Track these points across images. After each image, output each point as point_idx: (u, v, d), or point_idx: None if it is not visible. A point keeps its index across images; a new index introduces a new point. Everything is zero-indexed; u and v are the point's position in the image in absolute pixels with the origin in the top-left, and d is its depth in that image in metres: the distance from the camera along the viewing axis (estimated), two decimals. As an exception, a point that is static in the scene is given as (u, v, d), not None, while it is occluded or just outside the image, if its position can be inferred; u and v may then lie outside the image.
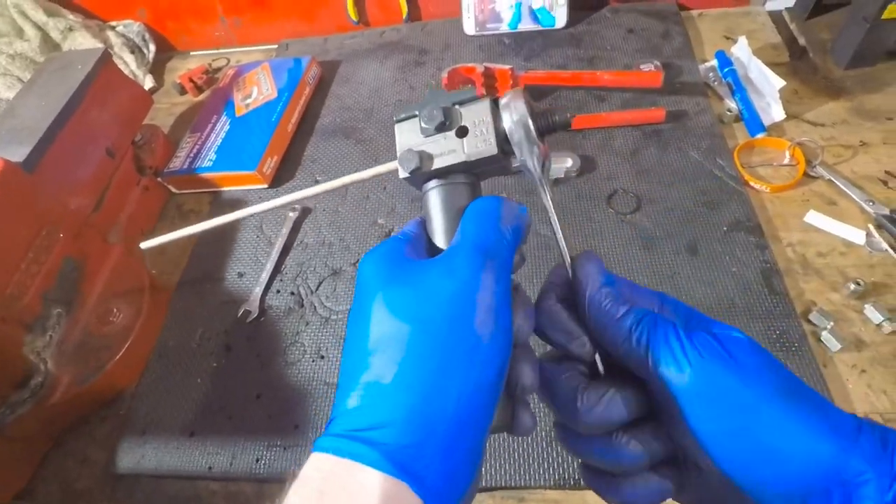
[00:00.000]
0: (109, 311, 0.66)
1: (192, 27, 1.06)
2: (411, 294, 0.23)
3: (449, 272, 0.23)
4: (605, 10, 0.95)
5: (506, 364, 0.23)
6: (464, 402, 0.21)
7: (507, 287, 0.24)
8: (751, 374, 0.23)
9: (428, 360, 0.22)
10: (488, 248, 0.24)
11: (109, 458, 0.59)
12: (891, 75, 0.79)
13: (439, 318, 0.22)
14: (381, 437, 0.20)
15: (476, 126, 0.28)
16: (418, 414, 0.21)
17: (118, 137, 0.76)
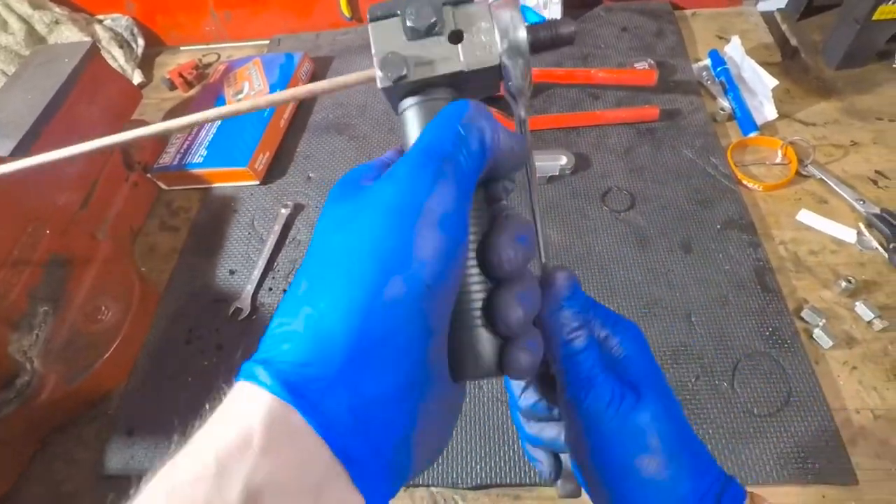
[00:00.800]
0: (97, 309, 0.65)
1: (181, 21, 1.04)
2: (348, 206, 0.21)
3: (389, 178, 0.21)
4: (599, 9, 0.95)
5: (451, 285, 0.20)
6: (377, 314, 0.18)
7: (464, 196, 0.21)
8: (625, 438, 0.25)
9: (342, 269, 0.19)
10: (441, 152, 0.21)
11: (98, 459, 0.58)
12: (881, 76, 0.80)
13: (367, 227, 0.19)
14: (279, 355, 0.18)
15: (473, 31, 0.24)
16: (320, 329, 0.18)
17: (106, 132, 0.73)
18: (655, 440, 0.25)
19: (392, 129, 0.82)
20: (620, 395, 0.25)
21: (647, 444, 0.25)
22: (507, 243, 0.22)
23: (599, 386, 0.25)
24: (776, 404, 0.52)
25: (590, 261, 0.64)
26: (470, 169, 0.21)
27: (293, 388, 0.17)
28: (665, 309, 0.59)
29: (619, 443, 0.25)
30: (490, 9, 0.24)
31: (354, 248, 0.19)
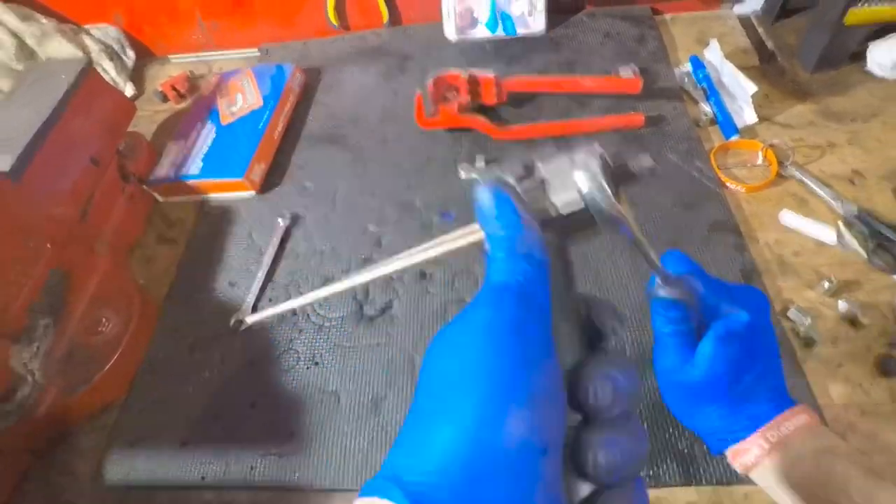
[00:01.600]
0: (98, 321, 0.66)
1: (169, 32, 1.05)
2: (449, 335, 0.22)
3: (476, 307, 0.22)
4: (582, 15, 0.97)
5: (551, 410, 0.20)
6: (491, 442, 0.19)
7: (543, 320, 0.22)
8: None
9: (455, 397, 0.20)
10: (514, 281, 0.23)
11: (97, 470, 0.59)
12: (854, 78, 0.82)
13: (468, 351, 0.21)
14: (406, 474, 0.19)
15: (557, 178, 0.26)
16: (441, 452, 0.19)
17: (102, 146, 0.75)
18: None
19: (385, 140, 0.84)
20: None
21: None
22: (600, 382, 0.22)
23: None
24: (763, 399, 0.54)
25: (583, 265, 0.65)
26: (537, 292, 0.23)
27: (417, 499, 0.18)
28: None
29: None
30: (567, 159, 0.26)
31: (464, 379, 0.20)
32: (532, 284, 0.23)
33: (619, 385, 0.22)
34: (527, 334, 0.21)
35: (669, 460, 0.52)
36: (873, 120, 0.77)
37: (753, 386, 0.38)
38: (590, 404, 0.22)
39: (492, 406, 0.19)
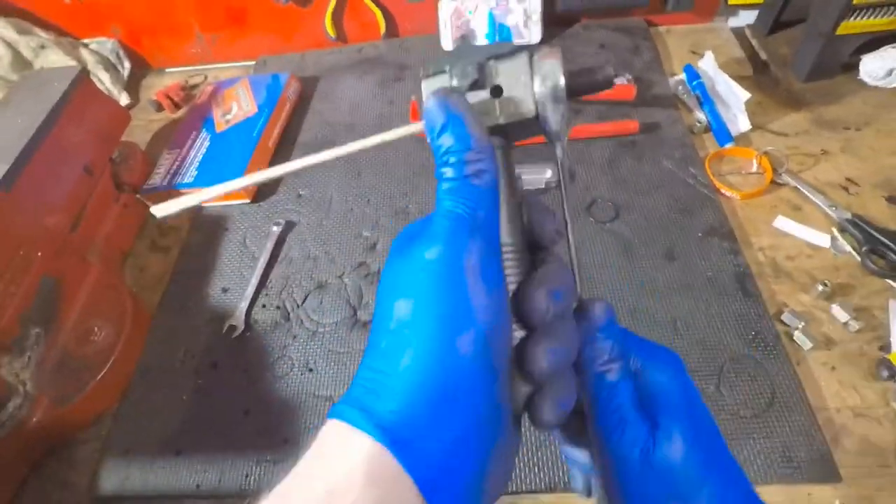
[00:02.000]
0: (90, 330, 0.65)
1: (167, 44, 1.06)
2: (402, 266, 0.23)
3: (429, 241, 0.23)
4: (578, 27, 0.98)
5: (500, 334, 0.22)
6: (452, 368, 0.21)
7: (492, 248, 0.23)
8: (653, 482, 0.25)
9: (416, 329, 0.21)
10: (464, 212, 0.23)
11: (91, 481, 0.58)
12: (846, 87, 0.83)
13: (423, 288, 0.22)
14: (373, 402, 0.20)
15: (512, 85, 0.25)
16: (405, 380, 0.21)
17: (96, 155, 0.75)
18: (685, 485, 0.24)
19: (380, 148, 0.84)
20: (649, 436, 0.25)
21: (677, 490, 0.24)
22: (539, 295, 0.24)
23: (629, 425, 0.25)
24: (761, 405, 0.54)
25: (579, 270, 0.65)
26: (488, 221, 0.23)
27: (389, 434, 0.19)
28: (651, 315, 0.61)
29: (647, 484, 0.25)
30: (531, 61, 0.25)
31: (421, 310, 0.21)
32: (482, 210, 0.23)
33: (556, 297, 0.24)
34: (477, 268, 0.22)
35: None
36: (866, 128, 0.78)
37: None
38: (534, 320, 0.24)
39: (445, 342, 0.21)
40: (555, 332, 0.24)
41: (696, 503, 0.24)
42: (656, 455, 0.24)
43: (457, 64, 0.26)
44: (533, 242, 0.27)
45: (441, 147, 0.24)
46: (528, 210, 0.27)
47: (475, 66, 0.25)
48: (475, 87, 0.25)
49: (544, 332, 0.24)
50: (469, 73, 0.25)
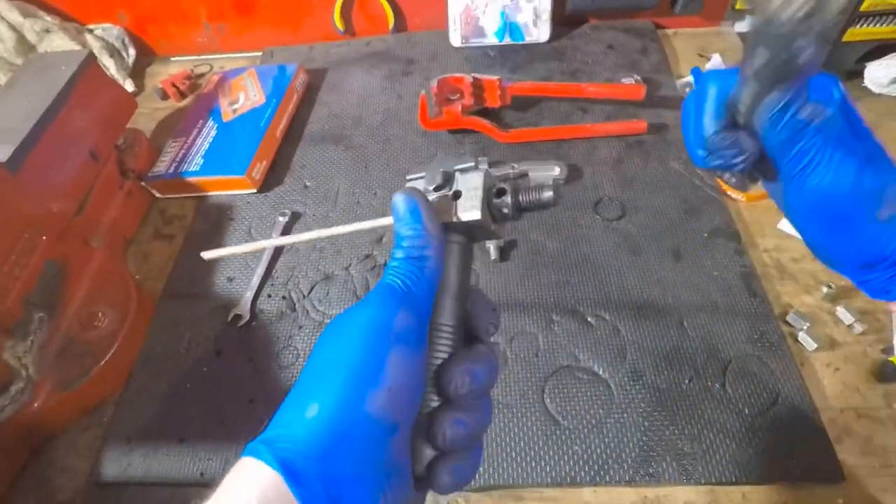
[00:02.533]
0: (93, 315, 0.64)
1: (173, 32, 1.05)
2: (331, 326, 0.26)
3: (364, 303, 0.26)
4: (586, 27, 0.98)
5: (410, 401, 0.25)
6: (350, 415, 0.23)
7: (420, 322, 0.26)
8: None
9: (328, 376, 0.24)
10: (397, 284, 0.27)
11: (93, 467, 0.57)
12: (852, 94, 0.82)
13: (343, 343, 0.25)
14: (279, 438, 0.23)
15: (468, 192, 0.30)
16: (308, 420, 0.23)
17: (102, 140, 0.74)
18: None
19: (387, 140, 0.84)
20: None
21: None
22: (458, 371, 0.27)
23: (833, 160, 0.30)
24: (765, 404, 0.54)
25: (584, 267, 0.66)
26: (420, 297, 0.27)
27: (284, 466, 0.22)
28: (658, 313, 0.61)
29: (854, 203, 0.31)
30: (485, 176, 0.31)
31: (337, 361, 0.25)
32: (416, 287, 0.27)
33: (477, 379, 0.27)
34: (399, 333, 0.25)
35: (669, 459, 0.52)
36: (870, 134, 0.78)
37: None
38: (449, 392, 0.27)
39: (354, 390, 0.23)
40: (467, 406, 0.27)
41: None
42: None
43: (430, 170, 0.32)
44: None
45: (398, 234, 0.28)
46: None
47: (441, 173, 0.31)
48: (440, 190, 0.31)
49: (455, 405, 0.27)
50: (437, 178, 0.31)
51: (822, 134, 0.30)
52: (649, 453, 0.53)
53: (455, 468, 0.26)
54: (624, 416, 0.55)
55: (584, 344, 0.60)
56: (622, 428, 0.54)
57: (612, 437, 0.54)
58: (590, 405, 0.56)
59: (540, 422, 0.55)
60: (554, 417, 0.55)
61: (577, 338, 0.61)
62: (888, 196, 0.30)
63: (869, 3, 0.74)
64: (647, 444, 0.53)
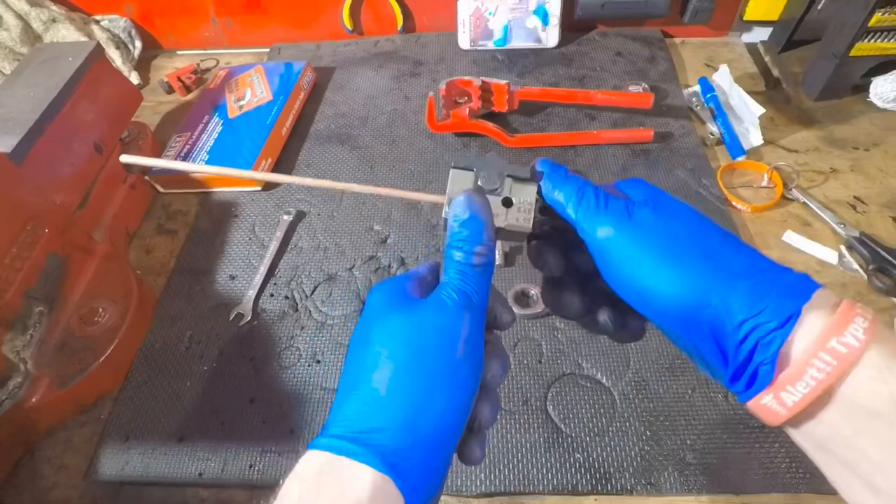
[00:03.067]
0: (94, 311, 0.64)
1: (180, 26, 1.04)
2: (407, 324, 0.27)
3: (439, 308, 0.28)
4: (594, 33, 0.98)
5: (476, 390, 0.28)
6: (444, 417, 0.26)
7: (481, 325, 0.28)
8: (642, 232, 0.29)
9: (418, 380, 0.26)
10: (469, 293, 0.28)
11: (90, 465, 0.57)
12: (856, 108, 0.85)
13: (429, 346, 0.26)
14: (375, 439, 0.24)
15: (520, 202, 0.32)
16: (407, 423, 0.25)
17: (106, 133, 0.74)
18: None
19: (394, 142, 0.84)
20: (630, 204, 0.30)
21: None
22: (495, 365, 0.30)
23: (611, 203, 0.30)
24: (768, 416, 0.54)
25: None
26: (483, 302, 0.29)
27: (393, 467, 0.23)
28: (662, 323, 0.61)
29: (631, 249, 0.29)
30: (538, 192, 0.33)
31: (428, 369, 0.26)
32: (481, 292, 0.29)
33: (504, 369, 0.31)
34: (469, 338, 0.27)
35: (671, 469, 0.52)
36: (874, 149, 0.79)
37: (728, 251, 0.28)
38: (486, 383, 0.29)
39: (436, 396, 0.26)
40: (494, 395, 0.30)
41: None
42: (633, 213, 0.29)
43: (483, 169, 0.33)
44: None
45: (459, 233, 0.29)
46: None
47: (499, 177, 0.32)
48: (493, 193, 0.32)
49: (490, 394, 0.30)
50: (494, 181, 0.32)
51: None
52: (651, 463, 0.52)
53: (483, 444, 0.30)
54: (626, 424, 0.55)
55: (588, 351, 0.60)
56: (624, 437, 0.54)
57: (614, 446, 0.54)
58: (592, 413, 0.56)
59: (542, 429, 0.55)
60: (556, 425, 0.55)
61: (580, 345, 0.60)
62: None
63: (877, 18, 0.75)
64: (649, 454, 0.53)
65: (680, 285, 0.27)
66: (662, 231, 0.28)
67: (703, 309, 0.26)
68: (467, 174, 0.33)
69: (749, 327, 0.25)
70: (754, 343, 0.25)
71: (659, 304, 0.28)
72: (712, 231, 0.29)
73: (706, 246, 0.28)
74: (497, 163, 0.33)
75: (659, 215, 0.29)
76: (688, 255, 0.28)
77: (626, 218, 0.29)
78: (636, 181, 0.33)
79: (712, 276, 0.27)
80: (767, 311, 0.25)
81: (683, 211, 0.30)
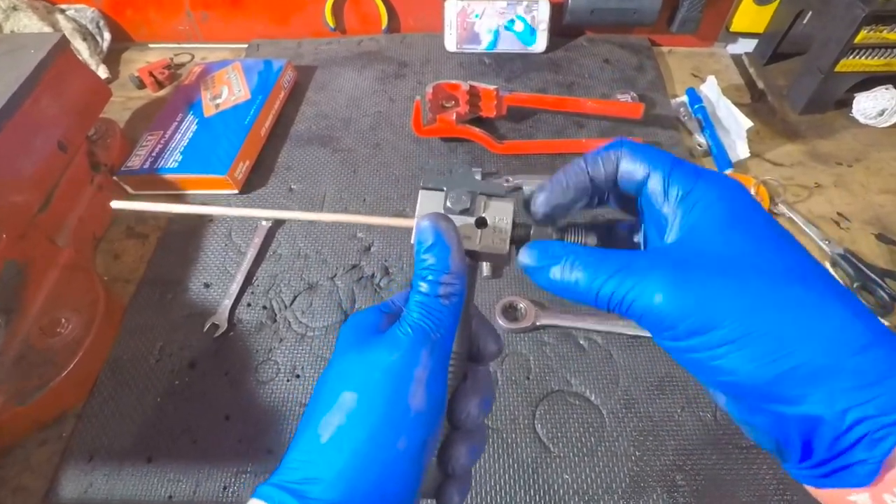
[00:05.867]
0: (56, 321, 0.60)
1: (153, 18, 1.00)
2: (358, 363, 0.25)
3: (391, 346, 0.25)
4: (582, 39, 0.97)
5: (434, 436, 0.26)
6: (388, 467, 0.24)
7: (443, 364, 0.26)
8: (725, 270, 0.23)
9: (360, 427, 0.24)
10: (428, 328, 0.26)
11: (49, 487, 0.53)
12: (839, 123, 0.85)
13: (377, 389, 0.24)
14: (308, 491, 0.23)
15: (495, 222, 0.29)
16: (345, 475, 0.23)
17: (71, 130, 0.70)
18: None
19: (378, 145, 0.81)
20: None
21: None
22: (473, 406, 0.28)
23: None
24: (756, 436, 0.54)
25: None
26: (445, 339, 0.26)
27: None
28: (651, 339, 0.60)
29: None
30: (513, 208, 0.29)
31: (370, 411, 0.24)
32: (443, 328, 0.26)
33: (486, 408, 0.29)
34: (424, 380, 0.25)
35: (660, 491, 0.51)
36: (857, 165, 0.79)
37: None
38: (461, 422, 0.28)
39: (384, 444, 0.23)
40: (475, 433, 0.28)
41: None
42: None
43: (453, 189, 0.30)
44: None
45: (424, 261, 0.26)
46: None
47: (469, 196, 0.29)
48: (464, 214, 0.29)
49: (464, 433, 0.28)
50: (463, 201, 0.29)
51: None
52: (640, 484, 0.51)
53: (462, 489, 0.28)
54: (615, 444, 0.54)
55: (577, 368, 0.59)
56: (613, 457, 0.53)
57: (602, 467, 0.52)
58: (581, 432, 0.54)
59: (530, 448, 0.53)
60: (545, 444, 0.54)
61: (569, 361, 0.59)
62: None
63: (862, 35, 0.75)
64: (638, 475, 0.52)
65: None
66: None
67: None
68: (437, 195, 0.30)
69: (856, 417, 0.20)
70: (861, 436, 0.20)
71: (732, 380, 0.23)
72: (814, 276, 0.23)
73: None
74: (469, 180, 0.30)
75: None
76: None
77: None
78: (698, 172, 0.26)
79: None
80: (882, 399, 0.20)
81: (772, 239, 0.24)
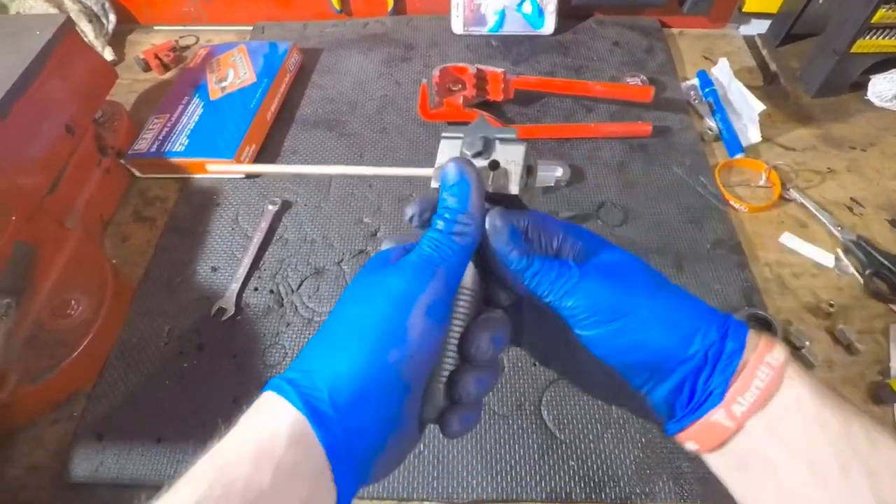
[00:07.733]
0: (66, 303, 0.60)
1: None
2: (368, 284, 0.28)
3: (397, 272, 0.28)
4: (591, 21, 0.96)
5: (428, 361, 0.27)
6: (375, 371, 0.25)
7: (446, 294, 0.28)
8: (625, 284, 0.29)
9: (358, 335, 0.26)
10: (435, 259, 0.28)
11: (62, 465, 0.54)
12: (853, 106, 0.84)
13: (377, 305, 0.27)
14: (302, 380, 0.25)
15: (507, 164, 0.31)
16: (335, 371, 0.25)
17: (78, 113, 0.69)
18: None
19: (384, 129, 0.80)
20: (600, 264, 0.30)
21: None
22: (484, 338, 0.29)
23: (583, 269, 0.29)
24: (762, 422, 0.54)
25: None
26: (451, 272, 0.28)
27: (310, 408, 0.24)
28: (658, 325, 0.60)
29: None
30: (525, 149, 0.31)
31: (369, 324, 0.26)
32: (451, 262, 0.28)
33: (498, 344, 0.29)
34: (428, 306, 0.26)
35: (665, 478, 0.51)
36: (871, 149, 0.78)
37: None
38: (471, 356, 0.29)
39: (379, 353, 0.25)
40: (485, 367, 0.29)
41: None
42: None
43: (469, 135, 0.32)
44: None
45: (444, 201, 0.29)
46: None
47: (482, 140, 0.31)
48: (477, 157, 0.31)
49: (475, 365, 0.29)
50: (476, 144, 0.31)
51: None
52: (646, 471, 0.52)
53: (465, 417, 0.29)
54: (622, 431, 0.54)
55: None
56: (619, 444, 0.53)
57: (608, 453, 0.53)
58: (588, 419, 0.54)
59: (536, 434, 0.54)
60: (551, 430, 0.54)
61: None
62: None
63: (881, 14, 0.73)
64: (644, 462, 0.52)
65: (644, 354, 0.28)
66: (645, 280, 0.30)
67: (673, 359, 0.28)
68: (456, 143, 0.32)
69: (714, 351, 0.27)
70: (713, 365, 0.27)
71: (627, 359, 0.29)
72: (661, 283, 0.31)
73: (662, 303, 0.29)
74: (485, 127, 0.32)
75: (634, 271, 0.30)
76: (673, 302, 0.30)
77: (604, 278, 0.29)
78: (574, 230, 0.32)
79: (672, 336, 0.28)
80: (727, 338, 0.28)
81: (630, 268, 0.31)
